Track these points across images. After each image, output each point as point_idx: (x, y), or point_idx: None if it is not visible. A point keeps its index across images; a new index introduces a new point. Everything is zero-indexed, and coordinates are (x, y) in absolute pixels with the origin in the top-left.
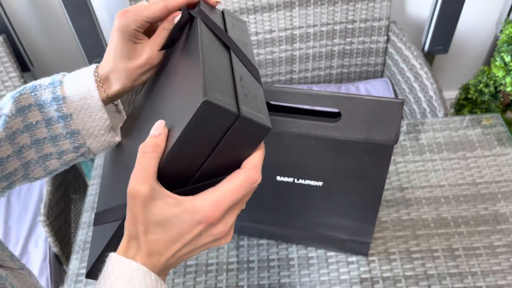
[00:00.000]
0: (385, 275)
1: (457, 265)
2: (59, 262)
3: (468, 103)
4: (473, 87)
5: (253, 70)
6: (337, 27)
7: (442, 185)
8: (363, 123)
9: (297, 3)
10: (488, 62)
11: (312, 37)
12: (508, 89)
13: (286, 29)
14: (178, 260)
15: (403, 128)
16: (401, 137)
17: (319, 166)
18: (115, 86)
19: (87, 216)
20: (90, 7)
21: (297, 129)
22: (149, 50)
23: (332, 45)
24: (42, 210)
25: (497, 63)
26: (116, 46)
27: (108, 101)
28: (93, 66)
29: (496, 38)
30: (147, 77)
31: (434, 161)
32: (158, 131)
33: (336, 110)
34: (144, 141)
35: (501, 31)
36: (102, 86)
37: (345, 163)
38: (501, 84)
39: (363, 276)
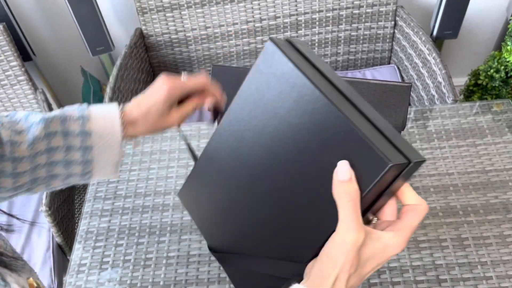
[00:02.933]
0: (392, 265)
1: (466, 255)
2: (62, 252)
3: (478, 89)
4: (483, 72)
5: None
6: (343, 13)
7: (451, 173)
8: None
9: None
10: (499, 47)
11: (317, 23)
12: None
13: (291, 15)
14: None
15: (411, 115)
16: (409, 124)
17: None
18: (139, 129)
19: (89, 206)
20: None
21: None
22: (178, 116)
23: (338, 31)
24: (44, 200)
25: (508, 48)
26: (155, 104)
27: (126, 139)
28: (117, 108)
29: (507, 22)
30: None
31: (443, 148)
32: (347, 174)
33: None
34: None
35: None
36: (125, 128)
37: None
38: None
39: None
